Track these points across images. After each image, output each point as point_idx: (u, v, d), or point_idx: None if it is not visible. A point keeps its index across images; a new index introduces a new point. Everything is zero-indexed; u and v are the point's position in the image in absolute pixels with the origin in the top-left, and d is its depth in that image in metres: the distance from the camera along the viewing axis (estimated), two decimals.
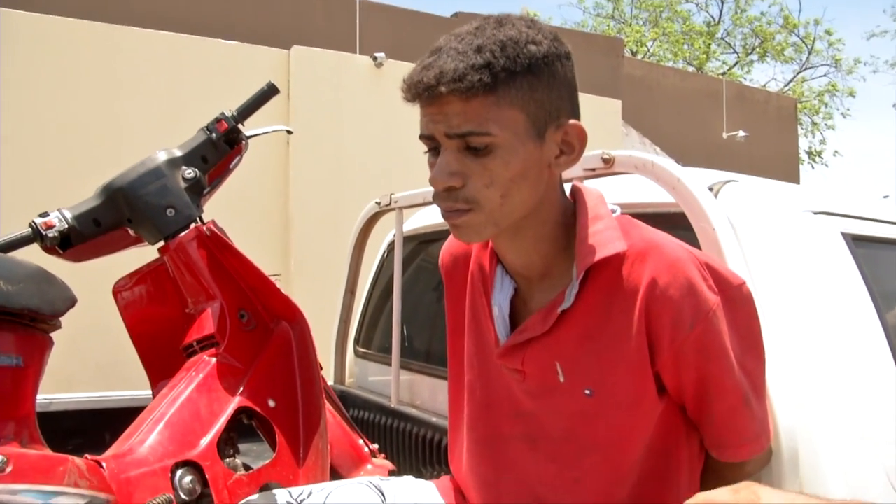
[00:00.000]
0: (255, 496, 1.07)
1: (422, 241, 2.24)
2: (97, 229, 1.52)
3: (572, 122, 0.92)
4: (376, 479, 1.16)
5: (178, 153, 1.57)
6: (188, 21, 5.04)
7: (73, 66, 3.70)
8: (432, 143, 0.90)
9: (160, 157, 1.54)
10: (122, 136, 3.69)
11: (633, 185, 1.46)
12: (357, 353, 2.43)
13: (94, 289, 1.81)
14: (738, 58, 21.03)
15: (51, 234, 1.46)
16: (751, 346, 0.95)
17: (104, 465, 1.22)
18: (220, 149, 1.60)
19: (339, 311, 2.45)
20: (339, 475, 1.59)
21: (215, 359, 1.46)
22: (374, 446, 1.76)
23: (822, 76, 21.35)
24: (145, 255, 1.64)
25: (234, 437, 1.44)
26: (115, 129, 3.73)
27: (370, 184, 4.13)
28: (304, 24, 5.90)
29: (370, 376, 2.34)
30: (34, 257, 1.39)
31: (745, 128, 9.85)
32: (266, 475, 1.39)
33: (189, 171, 1.55)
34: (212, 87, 3.99)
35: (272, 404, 1.47)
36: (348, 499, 1.10)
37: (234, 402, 1.42)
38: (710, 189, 1.32)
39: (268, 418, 1.45)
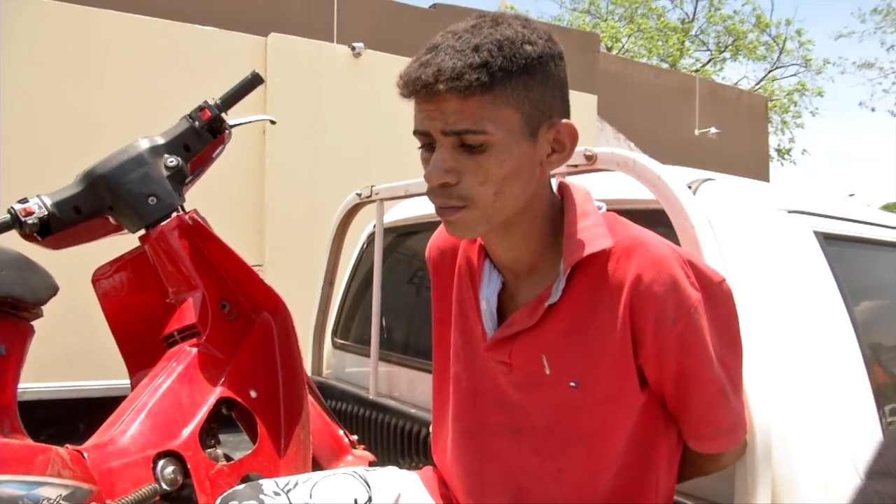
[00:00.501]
0: (241, 486, 1.08)
1: (401, 233, 2.25)
2: (77, 216, 1.51)
3: (564, 121, 0.94)
4: (361, 470, 1.18)
5: (161, 141, 1.56)
6: (163, 5, 4.97)
7: (47, 50, 3.63)
8: (427, 140, 0.92)
9: (142, 145, 1.54)
10: (97, 122, 3.64)
11: (613, 182, 1.49)
12: (335, 345, 2.44)
13: (66, 277, 1.80)
14: (712, 55, 21.26)
15: (30, 221, 1.45)
16: (730, 342, 0.98)
17: (86, 454, 1.21)
18: (202, 137, 1.60)
19: (315, 303, 2.45)
20: (320, 466, 1.60)
21: (196, 349, 1.46)
22: (353, 437, 1.77)
23: (792, 75, 21.73)
24: (124, 244, 1.63)
25: (216, 428, 1.44)
26: (90, 114, 3.67)
27: (347, 175, 4.12)
28: (281, 11, 5.85)
29: (348, 367, 2.35)
30: (12, 244, 1.39)
31: (717, 125, 9.97)
32: (248, 466, 1.40)
33: (171, 160, 1.55)
34: (187, 73, 3.93)
35: (254, 395, 1.47)
36: (334, 489, 1.11)
37: (216, 393, 1.43)
38: (689, 187, 1.35)
39: (249, 409, 1.46)
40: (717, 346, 0.95)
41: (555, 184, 1.05)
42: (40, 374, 3.03)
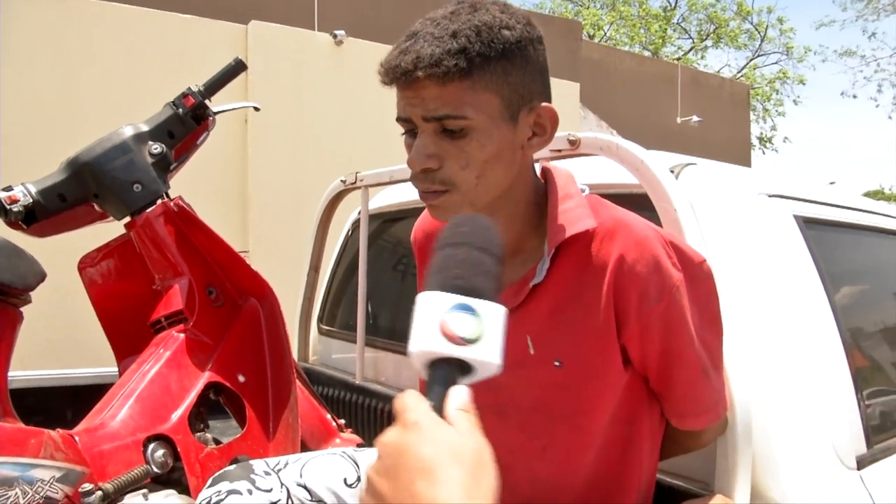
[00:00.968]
0: (232, 466, 1.09)
1: (386, 219, 2.27)
2: (62, 204, 1.51)
3: (544, 104, 0.96)
4: (350, 451, 1.20)
5: (145, 128, 1.56)
6: None
7: (25, 38, 3.60)
8: (409, 126, 0.93)
9: (126, 132, 1.54)
10: (77, 110, 3.61)
11: (597, 166, 1.51)
12: (321, 331, 2.45)
13: (52, 265, 1.80)
14: (694, 43, 21.38)
15: (15, 209, 1.45)
16: (710, 321, 1.01)
17: (77, 438, 1.23)
18: (186, 124, 1.60)
19: (300, 289, 2.46)
20: (308, 449, 1.62)
21: (184, 334, 1.47)
22: (341, 421, 1.79)
23: (773, 63, 21.91)
24: (110, 231, 1.64)
25: (205, 412, 1.46)
26: (69, 102, 3.64)
27: (329, 162, 4.12)
28: None
29: (334, 353, 2.37)
30: None
31: (699, 113, 10.03)
32: (237, 449, 1.42)
33: (156, 147, 1.55)
34: (168, 61, 3.91)
35: (242, 379, 1.49)
36: (323, 469, 1.13)
37: (204, 377, 1.44)
38: (672, 171, 1.37)
39: (238, 393, 1.47)
40: (698, 325, 0.98)
41: (539, 169, 1.07)
42: (26, 363, 3.02)
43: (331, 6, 5.83)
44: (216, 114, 1.67)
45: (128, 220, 1.55)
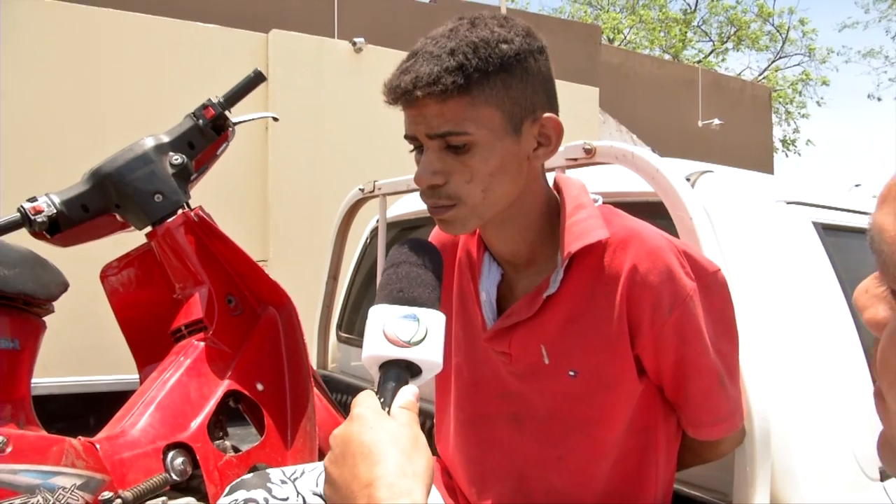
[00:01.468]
0: (249, 475, 1.10)
1: (404, 227, 2.28)
2: (85, 214, 1.53)
3: (547, 115, 0.96)
4: None
5: (166, 139, 1.59)
6: (164, 3, 4.99)
7: (48, 48, 3.66)
8: (416, 143, 0.95)
9: (148, 143, 1.56)
10: (98, 120, 3.66)
11: (615, 174, 1.51)
12: (339, 338, 2.46)
13: (75, 274, 1.83)
14: (714, 46, 21.23)
15: (39, 219, 1.47)
16: (725, 330, 1.00)
17: (98, 446, 1.25)
18: (207, 135, 1.62)
19: (319, 297, 2.47)
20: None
21: (204, 343, 1.49)
22: None
23: (795, 65, 21.70)
24: (131, 241, 1.66)
25: (224, 420, 1.47)
26: (91, 112, 3.70)
27: (350, 170, 4.14)
28: (282, 7, 5.87)
29: (353, 361, 2.38)
30: (22, 242, 1.41)
31: (721, 116, 9.97)
32: (255, 457, 1.43)
33: (176, 157, 1.57)
34: (189, 70, 3.96)
35: (260, 387, 1.50)
36: None
37: (223, 386, 1.46)
38: (688, 179, 1.37)
39: (256, 401, 1.49)
40: (713, 334, 0.98)
41: (551, 179, 1.07)
42: (49, 370, 3.07)
43: (350, 14, 5.88)
44: (236, 124, 1.68)
45: (149, 229, 1.57)
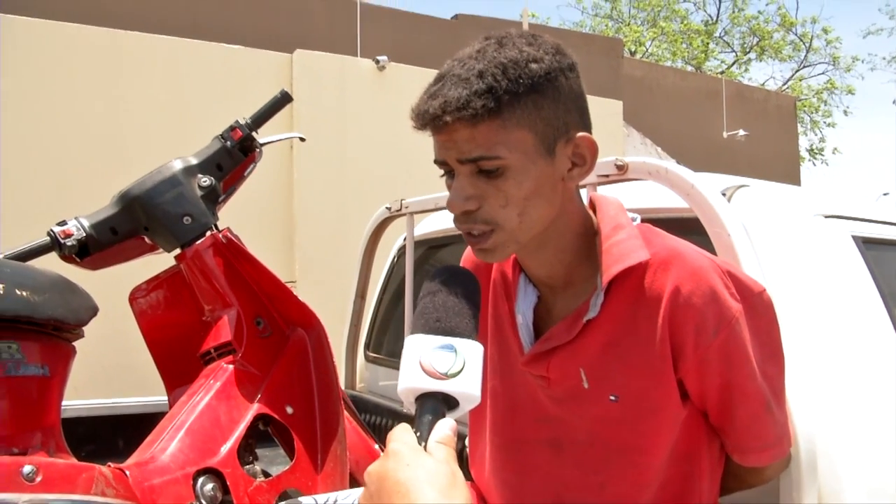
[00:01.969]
0: None
1: (431, 246, 2.26)
2: (114, 237, 1.53)
3: (581, 134, 0.93)
4: None
5: (194, 161, 1.58)
6: (189, 25, 5.06)
7: (75, 72, 3.71)
8: (446, 168, 0.93)
9: (176, 166, 1.56)
10: (125, 142, 3.70)
11: (643, 189, 1.48)
12: (367, 358, 2.45)
13: (104, 296, 1.84)
14: (737, 57, 21.09)
15: (69, 243, 1.47)
16: (772, 353, 0.97)
17: (127, 472, 1.23)
18: (234, 157, 1.62)
19: (347, 317, 2.46)
20: (356, 481, 1.61)
21: (233, 366, 1.48)
22: None
23: (820, 74, 21.47)
24: (160, 263, 1.66)
25: (254, 444, 1.46)
26: (117, 134, 3.74)
27: (375, 188, 4.15)
28: (306, 27, 5.92)
29: (381, 381, 2.36)
30: (51, 266, 1.41)
31: (745, 127, 9.88)
32: (285, 482, 1.41)
33: (205, 180, 1.57)
34: (214, 91, 4.00)
35: (290, 411, 1.48)
36: None
37: (253, 409, 1.44)
38: (724, 194, 1.34)
39: (286, 425, 1.47)
40: (759, 357, 0.94)
41: (585, 197, 1.04)
42: (80, 392, 3.08)
43: (372, 32, 5.91)
44: (263, 145, 1.68)
45: (178, 252, 1.56)
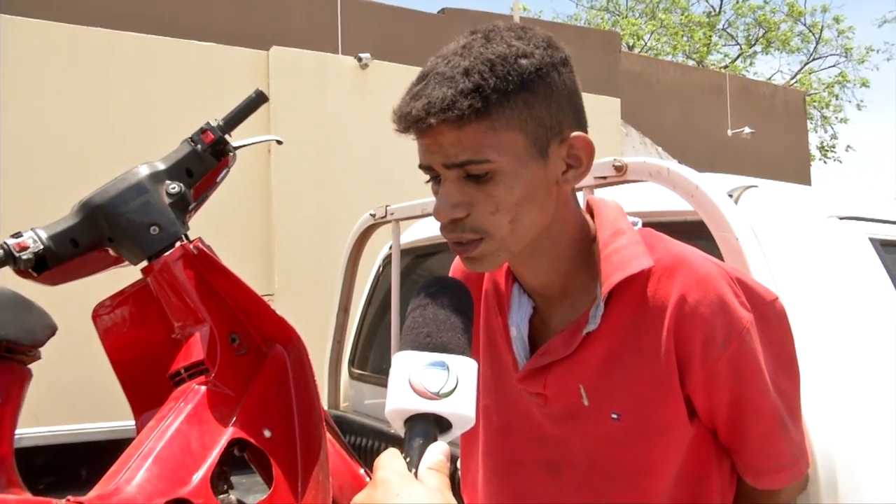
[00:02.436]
0: None
1: (419, 254, 2.25)
2: (75, 250, 1.50)
3: (576, 133, 0.92)
4: None
5: (162, 166, 1.56)
6: (157, 21, 5.03)
7: (32, 69, 3.68)
8: (432, 173, 0.92)
9: (142, 172, 1.54)
10: (90, 147, 3.68)
11: (641, 192, 1.47)
12: (352, 375, 2.44)
13: (65, 313, 1.81)
14: (741, 50, 21.24)
15: (25, 257, 1.44)
16: (785, 366, 0.96)
17: None
18: (206, 161, 1.59)
19: (329, 332, 2.45)
20: None
21: (205, 387, 1.45)
22: None
23: (831, 66, 21.61)
24: (126, 277, 1.63)
25: (228, 472, 1.43)
26: (80, 138, 3.71)
27: (359, 194, 4.14)
28: (283, 22, 5.91)
29: (366, 399, 2.35)
30: (6, 282, 1.39)
31: (751, 124, 9.94)
32: None
33: (173, 186, 1.54)
34: (184, 91, 3.98)
35: (268, 434, 1.46)
36: None
37: (227, 434, 1.41)
38: (730, 196, 1.33)
39: (263, 450, 1.44)
40: (772, 370, 0.93)
41: (582, 200, 1.03)
42: (39, 419, 3.04)
43: (354, 28, 5.91)
44: (237, 149, 1.66)
45: (144, 264, 1.54)
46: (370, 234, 2.29)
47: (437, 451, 0.68)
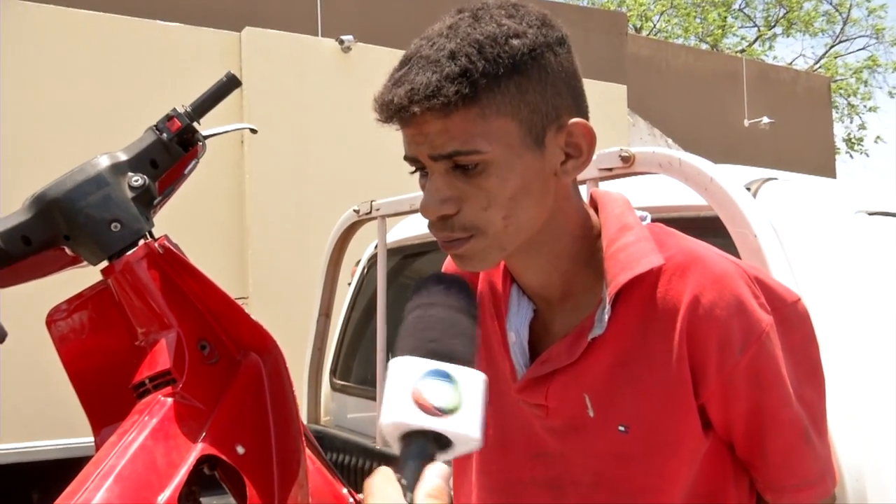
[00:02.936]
0: None
1: (407, 254, 2.25)
2: (27, 248, 1.50)
3: (575, 120, 0.92)
4: None
5: (123, 157, 1.56)
6: (121, 1, 5.03)
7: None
8: (418, 165, 0.92)
9: (102, 163, 1.53)
10: (47, 136, 3.67)
11: (648, 184, 1.48)
12: (334, 387, 2.45)
13: (16, 319, 1.80)
14: (760, 32, 21.35)
15: None
16: (809, 373, 0.97)
17: None
18: (172, 151, 1.60)
19: (309, 338, 2.45)
20: None
21: (172, 399, 1.45)
22: (360, 496, 1.76)
23: (860, 49, 21.68)
24: (84, 278, 1.63)
25: (197, 492, 1.44)
26: (39, 126, 3.70)
27: (340, 188, 4.14)
28: (258, 2, 5.91)
29: (350, 413, 2.36)
30: None
31: (770, 113, 10.00)
32: None
33: (136, 179, 1.54)
34: (149, 76, 3.97)
35: (241, 451, 1.46)
36: None
37: (196, 450, 1.42)
38: (748, 189, 1.34)
39: (236, 468, 1.45)
40: (795, 378, 0.94)
41: (586, 194, 1.03)
42: None
43: (336, 8, 5.92)
44: (206, 138, 1.66)
45: (105, 264, 1.54)
46: (353, 231, 2.30)
47: (436, 476, 0.66)
